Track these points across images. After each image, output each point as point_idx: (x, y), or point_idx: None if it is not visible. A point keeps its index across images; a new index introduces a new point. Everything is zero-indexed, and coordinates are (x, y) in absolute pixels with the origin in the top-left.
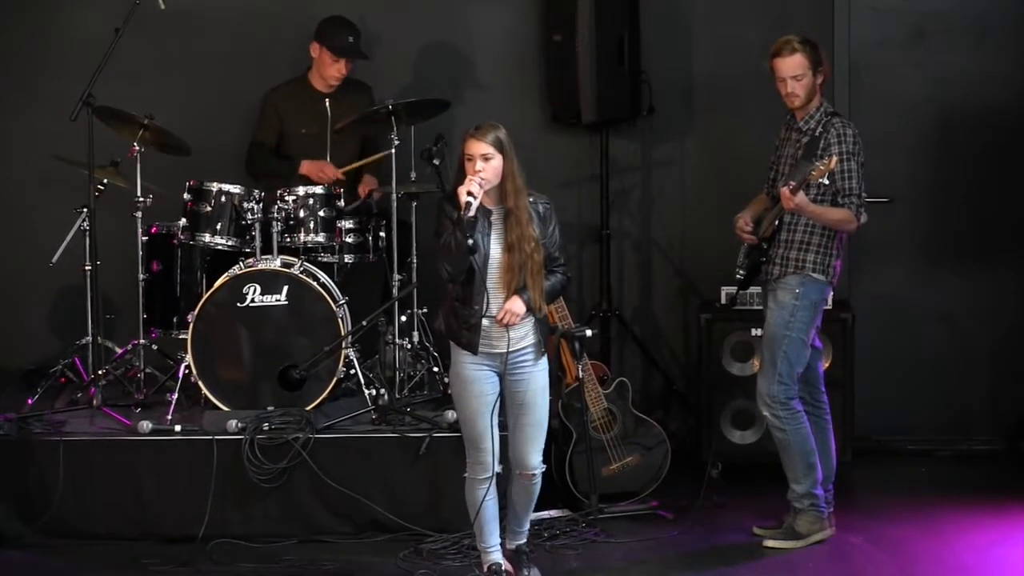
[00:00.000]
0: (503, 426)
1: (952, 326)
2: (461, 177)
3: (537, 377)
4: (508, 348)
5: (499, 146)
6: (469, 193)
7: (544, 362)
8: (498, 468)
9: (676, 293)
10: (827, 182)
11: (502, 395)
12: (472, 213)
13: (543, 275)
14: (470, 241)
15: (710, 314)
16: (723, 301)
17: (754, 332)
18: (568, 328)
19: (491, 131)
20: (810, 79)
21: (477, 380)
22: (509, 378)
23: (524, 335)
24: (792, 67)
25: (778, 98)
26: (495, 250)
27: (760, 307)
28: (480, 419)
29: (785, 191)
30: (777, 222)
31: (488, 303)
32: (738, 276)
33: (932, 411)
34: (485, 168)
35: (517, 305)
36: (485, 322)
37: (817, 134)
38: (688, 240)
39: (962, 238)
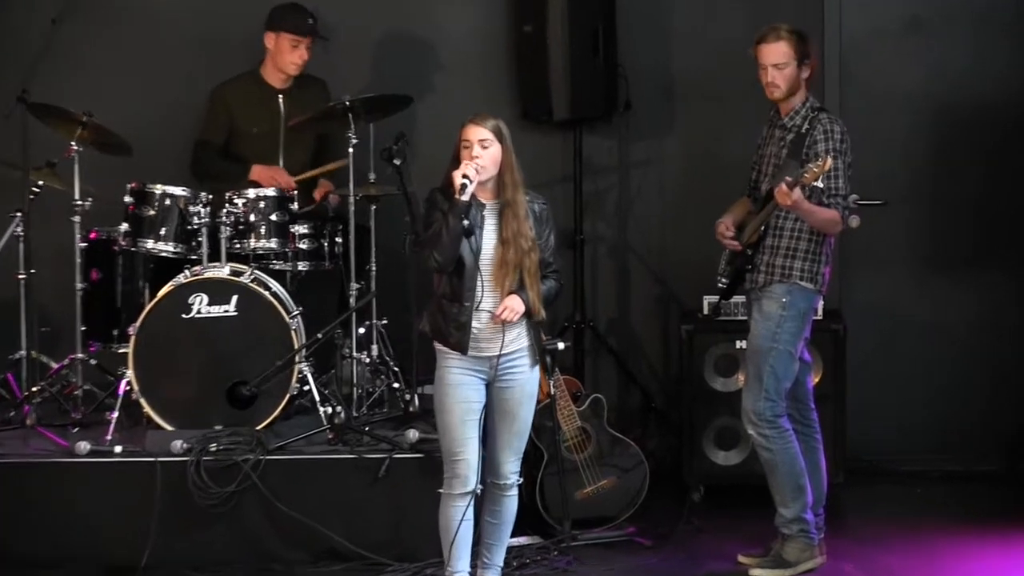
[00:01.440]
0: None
1: (950, 338)
2: (455, 167)
3: (526, 384)
4: (500, 351)
5: (498, 134)
6: (464, 176)
7: (536, 370)
8: (477, 486)
9: (655, 303)
10: (821, 185)
11: (487, 404)
12: (467, 197)
13: (539, 278)
14: (465, 222)
15: (691, 325)
16: (705, 311)
17: (738, 344)
18: (542, 341)
19: (491, 119)
20: (793, 71)
21: (462, 385)
22: (498, 384)
23: (518, 337)
24: (775, 54)
25: (763, 96)
26: (489, 244)
27: (745, 318)
28: (461, 427)
29: (782, 187)
30: (763, 227)
31: (480, 300)
32: (721, 284)
33: (928, 429)
34: (482, 155)
35: (517, 302)
36: (476, 322)
37: (803, 131)
38: (667, 246)
39: (961, 243)
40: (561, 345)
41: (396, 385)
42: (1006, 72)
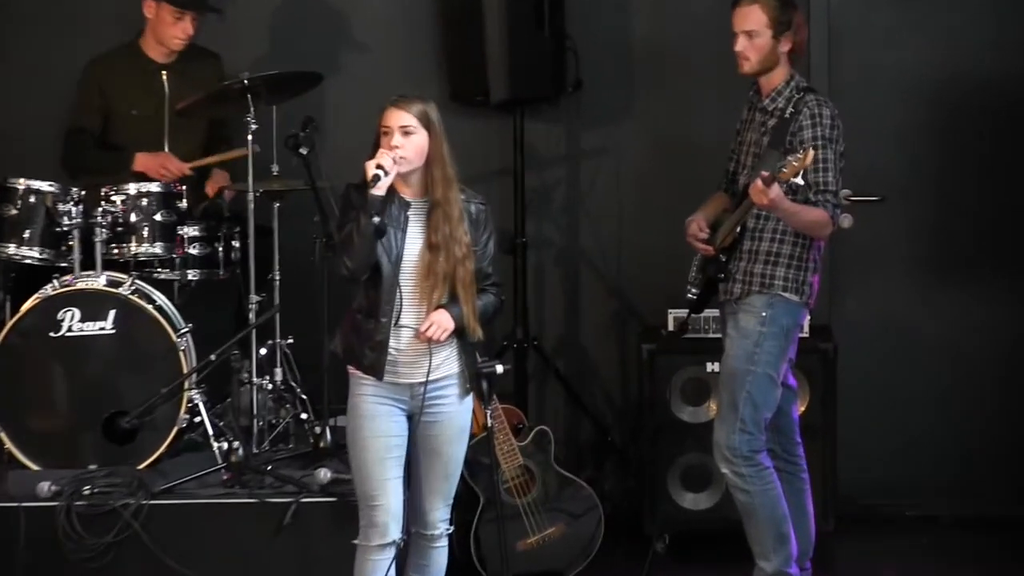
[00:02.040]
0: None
1: (961, 357)
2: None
3: (456, 418)
4: (426, 377)
5: (425, 120)
6: (378, 166)
7: (468, 401)
8: (400, 537)
9: (611, 318)
10: (801, 181)
11: (409, 439)
12: (381, 191)
13: (475, 291)
14: (376, 220)
15: (654, 344)
16: (671, 328)
17: (710, 367)
18: (477, 362)
19: (417, 102)
20: (767, 42)
21: (379, 417)
22: (422, 418)
23: (446, 361)
24: (746, 20)
25: (739, 74)
26: (413, 249)
27: (718, 335)
28: (379, 467)
29: (757, 183)
30: (739, 228)
31: (400, 315)
32: (690, 296)
33: (937, 466)
34: (404, 144)
35: (445, 317)
36: (394, 341)
37: (787, 115)
38: (626, 250)
39: (973, 246)
40: (500, 368)
41: (304, 416)
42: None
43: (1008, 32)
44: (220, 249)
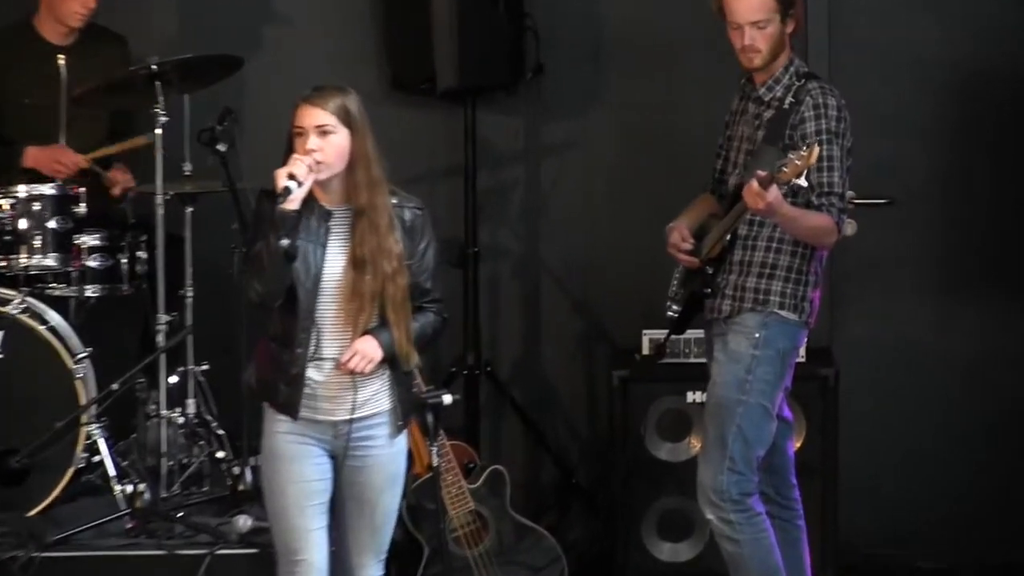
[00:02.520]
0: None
1: (982, 385)
2: (289, 158)
3: (387, 462)
4: (351, 414)
5: (344, 117)
6: (291, 176)
7: (402, 441)
8: None
9: (577, 340)
10: (804, 183)
11: (335, 483)
12: (293, 205)
13: (411, 311)
14: (284, 242)
15: (627, 370)
16: (646, 351)
17: (692, 397)
18: (418, 393)
19: (335, 95)
20: (777, 28)
21: (297, 459)
22: (349, 461)
23: (375, 396)
24: (752, 8)
25: (729, 55)
26: (336, 266)
27: (701, 360)
28: (299, 516)
29: (753, 185)
30: (729, 236)
31: (320, 344)
32: (670, 314)
33: (953, 510)
34: (322, 146)
35: (371, 346)
36: (314, 373)
37: (786, 106)
38: (595, 261)
39: (994, 256)
40: (448, 399)
41: (221, 454)
42: None
43: None
44: (124, 261)
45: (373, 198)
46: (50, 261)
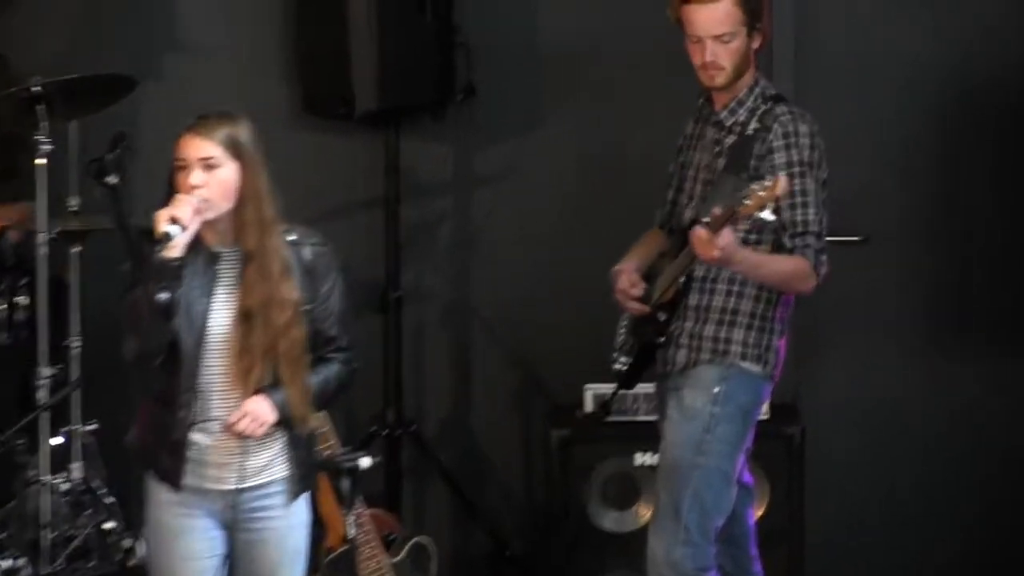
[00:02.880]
0: None
1: (961, 443)
2: (171, 197)
3: (285, 536)
4: (241, 483)
5: (233, 148)
6: (173, 220)
7: (302, 512)
8: None
9: (512, 395)
10: (771, 217)
11: (229, 558)
12: (175, 252)
13: (308, 365)
14: (163, 296)
15: (567, 430)
16: (589, 408)
17: (640, 460)
18: (331, 456)
19: (222, 124)
20: (743, 42)
21: (184, 533)
22: (240, 535)
23: (270, 462)
24: (715, 20)
25: (686, 72)
26: (222, 317)
27: (652, 418)
28: None
29: (700, 232)
30: (684, 278)
31: (206, 406)
32: (617, 367)
33: None
34: (207, 181)
35: (263, 406)
36: (200, 437)
37: (750, 132)
38: (533, 306)
39: (982, 300)
40: (366, 462)
41: (109, 525)
42: None
43: None
44: (1, 307)
45: (264, 240)
46: None
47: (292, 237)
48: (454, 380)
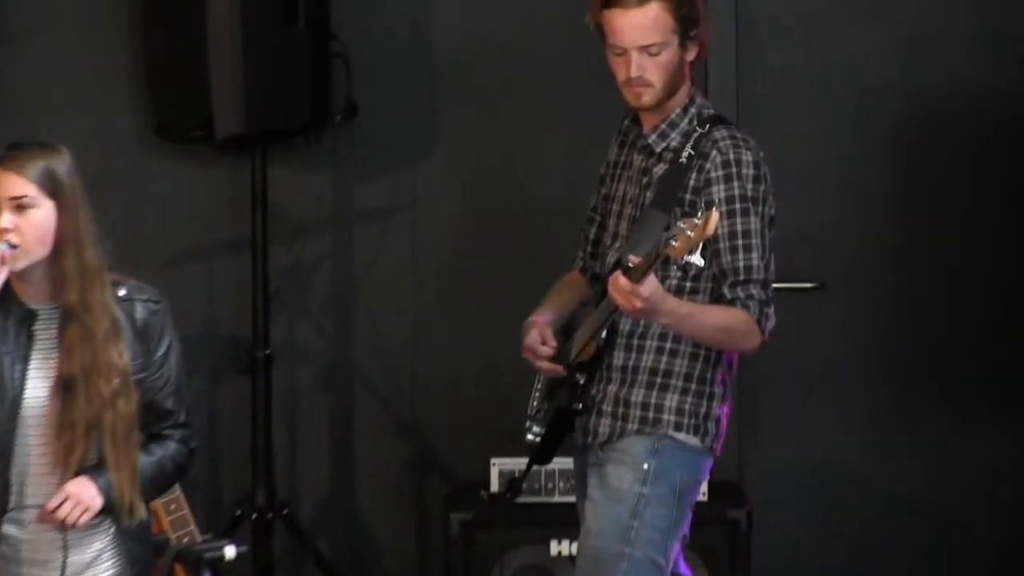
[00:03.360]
0: None
1: (936, 522)
2: None
3: None
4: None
5: (49, 186)
6: None
7: None
8: None
9: (403, 471)
10: (700, 261)
11: None
12: None
13: (138, 444)
14: None
15: (470, 513)
16: (496, 487)
17: (557, 548)
18: (189, 544)
19: (37, 157)
20: (674, 54)
21: None
22: None
23: (97, 559)
24: (642, 28)
25: (608, 89)
26: (38, 388)
27: (569, 499)
28: None
29: (620, 280)
30: (605, 333)
31: (21, 491)
32: (530, 438)
33: None
34: (18, 224)
35: (87, 490)
36: (13, 529)
37: (683, 160)
38: (427, 366)
39: (947, 358)
40: (230, 551)
41: None
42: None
43: (1000, 28)
44: None
45: (87, 294)
46: None
47: (122, 292)
48: (334, 454)
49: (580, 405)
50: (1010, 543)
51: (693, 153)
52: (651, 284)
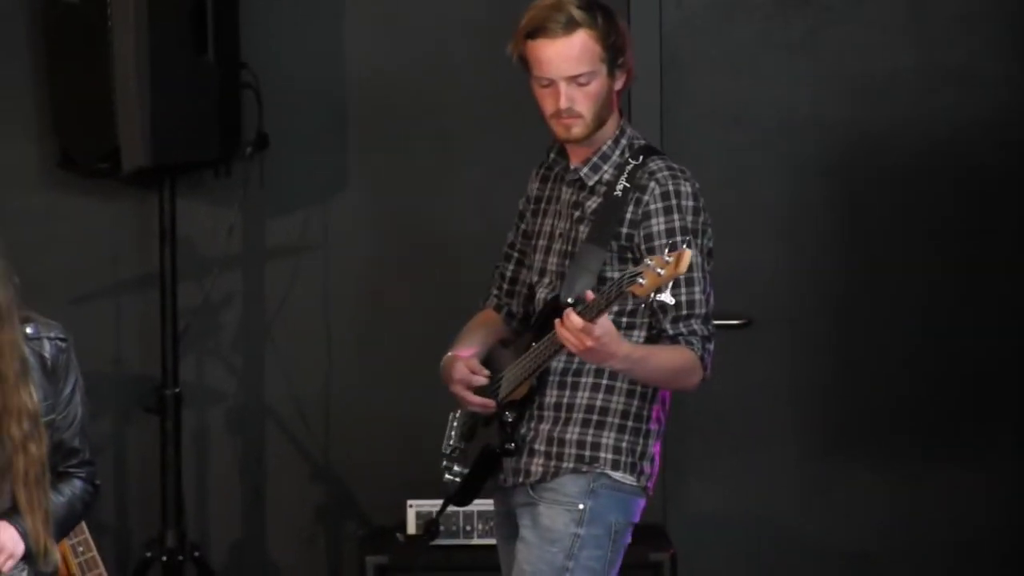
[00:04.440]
0: None
1: (859, 569)
2: None
3: None
4: None
5: None
6: None
7: None
8: None
9: (316, 514)
10: (670, 300)
11: None
12: None
13: (48, 486)
14: None
15: (385, 556)
16: (412, 530)
17: None
18: None
19: None
20: (603, 84)
21: None
22: None
23: None
24: (569, 59)
25: (528, 119)
26: None
27: (488, 540)
28: None
29: (573, 319)
30: (537, 371)
31: None
32: (448, 478)
33: None
34: None
35: (10, 535)
36: None
37: (619, 192)
38: (340, 405)
39: (887, 401)
40: None
41: None
42: (989, 72)
43: (941, 57)
44: None
45: None
46: None
47: (30, 330)
48: (245, 495)
49: (512, 445)
50: None
51: (629, 185)
52: (604, 324)
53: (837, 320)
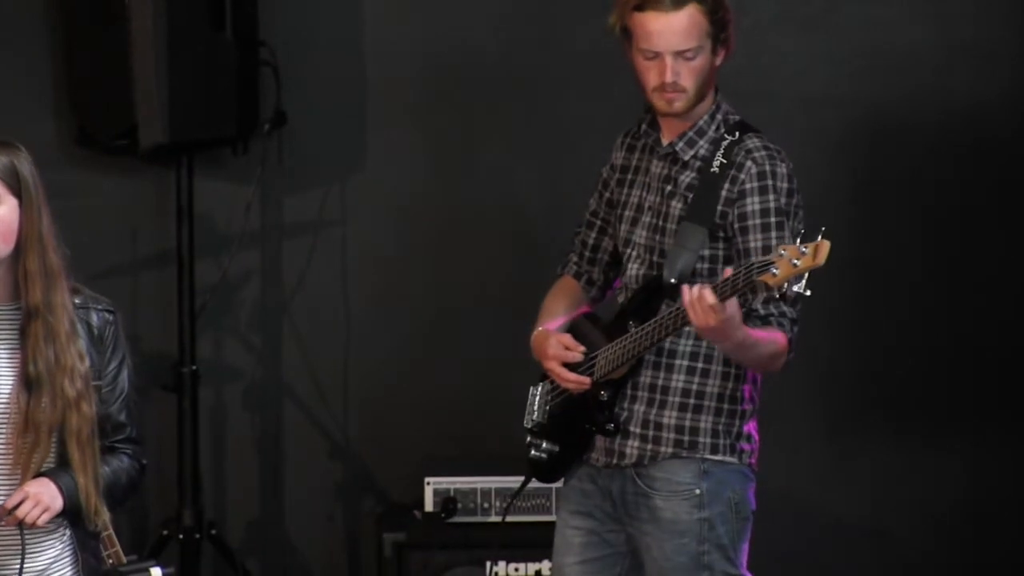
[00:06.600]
0: None
1: (875, 542)
2: None
3: None
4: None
5: (13, 183)
6: None
7: None
8: None
9: (335, 491)
10: (807, 292)
11: None
12: None
13: (98, 448)
14: None
15: (403, 533)
16: (430, 507)
17: (495, 570)
18: (114, 566)
19: (0, 153)
20: (707, 60)
21: None
22: None
23: (53, 564)
24: (679, 32)
25: (542, 102)
26: (2, 387)
27: (492, 519)
28: None
29: (706, 294)
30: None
31: None
32: (536, 455)
33: None
34: None
35: (48, 489)
36: None
37: (715, 169)
38: (359, 385)
39: (892, 373)
40: (157, 573)
41: None
42: (1005, 48)
43: (958, 34)
44: None
45: (50, 294)
46: None
47: (77, 300)
48: (263, 474)
49: (612, 425)
50: (954, 568)
51: (725, 162)
52: (733, 306)
53: (855, 294)
